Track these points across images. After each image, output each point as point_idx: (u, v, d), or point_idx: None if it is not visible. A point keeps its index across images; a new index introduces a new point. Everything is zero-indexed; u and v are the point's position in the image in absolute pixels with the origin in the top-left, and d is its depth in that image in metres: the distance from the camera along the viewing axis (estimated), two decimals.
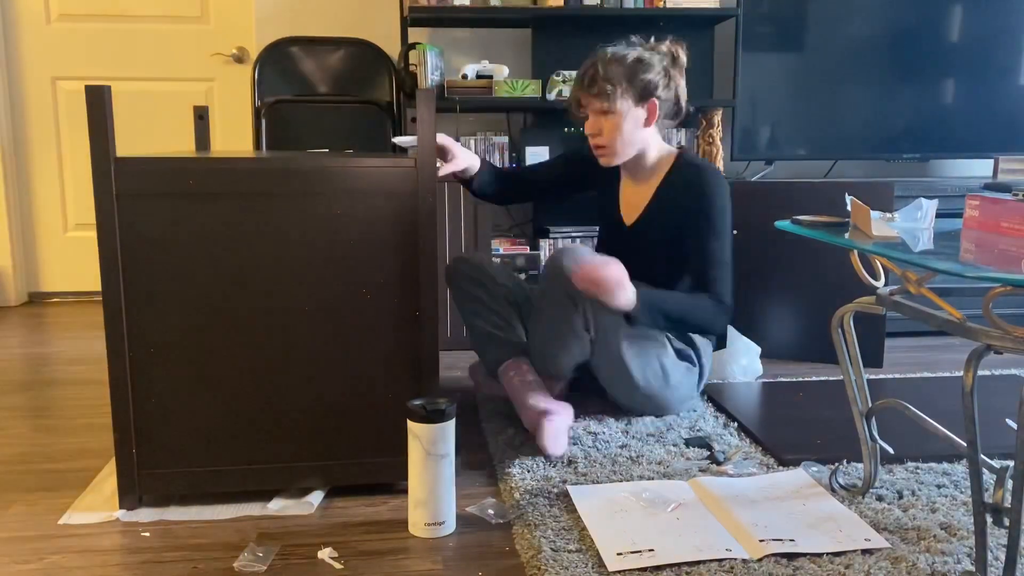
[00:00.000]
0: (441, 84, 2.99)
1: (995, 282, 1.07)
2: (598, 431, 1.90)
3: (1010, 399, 2.12)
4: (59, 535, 1.45)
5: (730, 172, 3.24)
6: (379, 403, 1.57)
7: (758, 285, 2.64)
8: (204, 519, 1.51)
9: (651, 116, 1.93)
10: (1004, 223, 1.37)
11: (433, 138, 1.52)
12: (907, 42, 3.04)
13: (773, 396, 2.18)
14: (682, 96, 1.97)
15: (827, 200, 2.52)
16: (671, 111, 1.97)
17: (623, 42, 1.94)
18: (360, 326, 1.54)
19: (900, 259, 1.19)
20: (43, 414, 2.11)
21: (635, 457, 1.77)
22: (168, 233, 1.48)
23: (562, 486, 1.62)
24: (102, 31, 3.44)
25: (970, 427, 1.18)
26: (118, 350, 1.49)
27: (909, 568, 1.30)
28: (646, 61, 1.90)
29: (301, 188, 1.49)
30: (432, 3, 2.89)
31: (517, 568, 1.34)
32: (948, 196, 2.84)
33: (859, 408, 1.55)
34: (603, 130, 1.92)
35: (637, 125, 1.93)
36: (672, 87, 1.94)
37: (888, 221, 1.47)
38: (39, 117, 3.48)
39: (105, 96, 1.43)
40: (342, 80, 3.21)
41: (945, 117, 3.10)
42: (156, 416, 1.52)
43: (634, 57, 1.90)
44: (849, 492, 1.58)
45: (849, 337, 1.52)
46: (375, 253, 1.53)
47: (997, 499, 1.19)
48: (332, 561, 1.36)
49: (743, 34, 2.95)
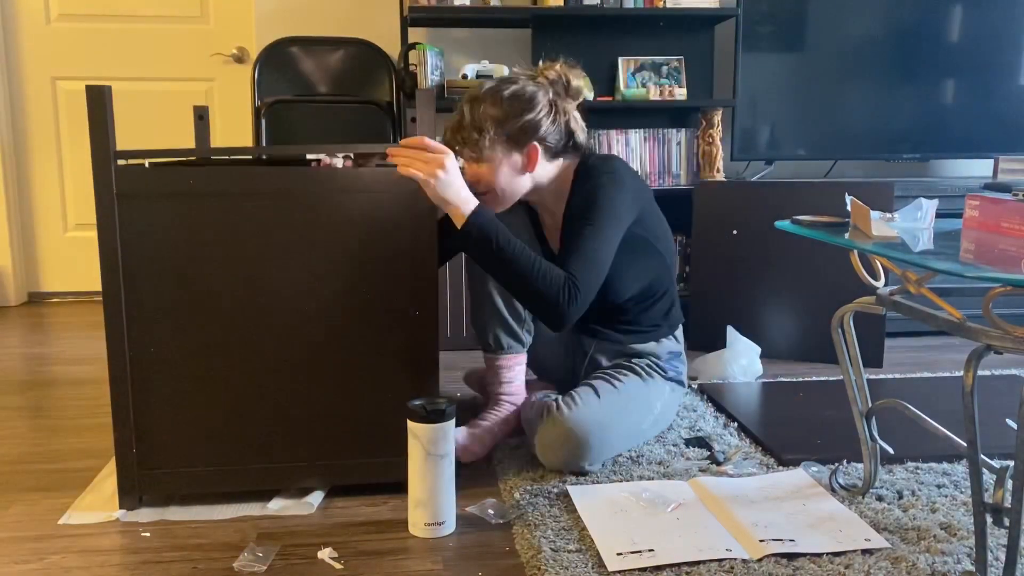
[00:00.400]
0: (441, 84, 2.99)
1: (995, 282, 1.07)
2: None
3: (1010, 399, 2.12)
4: (59, 535, 1.45)
5: (730, 172, 3.24)
6: (379, 403, 1.57)
7: (758, 285, 2.64)
8: (204, 519, 1.50)
9: (531, 162, 1.69)
10: (1004, 223, 1.37)
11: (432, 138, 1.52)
12: (907, 42, 3.04)
13: (773, 396, 2.18)
14: (576, 129, 1.73)
15: (827, 200, 2.52)
16: (560, 147, 1.72)
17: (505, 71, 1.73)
18: (360, 326, 1.54)
19: (900, 259, 1.19)
20: (43, 414, 2.11)
21: (635, 457, 1.77)
22: (168, 233, 1.47)
23: (562, 486, 1.62)
24: (102, 31, 3.44)
25: (970, 427, 1.18)
26: (118, 350, 1.49)
27: (909, 568, 1.30)
28: (525, 97, 1.66)
29: (301, 188, 1.49)
30: (432, 3, 2.89)
31: (517, 568, 1.34)
32: (948, 196, 2.84)
33: (859, 408, 1.55)
34: (480, 179, 1.68)
35: (515, 172, 1.69)
36: (559, 122, 1.70)
37: (888, 221, 1.47)
38: (39, 117, 3.48)
39: (106, 96, 1.43)
40: (342, 80, 3.21)
41: (945, 117, 3.10)
42: (156, 416, 1.52)
43: (510, 93, 1.66)
44: (849, 492, 1.58)
45: (849, 337, 1.52)
46: (375, 253, 1.53)
47: (997, 499, 1.19)
48: (332, 561, 1.36)
49: (743, 34, 2.95)
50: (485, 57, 3.24)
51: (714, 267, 2.68)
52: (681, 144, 3.02)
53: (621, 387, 1.78)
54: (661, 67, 3.07)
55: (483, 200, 1.64)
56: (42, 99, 3.47)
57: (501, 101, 1.66)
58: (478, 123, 1.65)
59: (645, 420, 1.81)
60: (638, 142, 3.01)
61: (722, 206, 2.66)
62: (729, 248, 2.65)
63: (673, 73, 3.07)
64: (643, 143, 3.01)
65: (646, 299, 1.85)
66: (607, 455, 1.73)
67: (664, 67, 3.07)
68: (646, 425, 1.81)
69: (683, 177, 3.02)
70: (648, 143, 3.01)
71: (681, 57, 3.08)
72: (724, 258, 2.66)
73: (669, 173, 3.02)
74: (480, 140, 1.65)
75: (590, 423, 1.67)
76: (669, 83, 3.04)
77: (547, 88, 1.70)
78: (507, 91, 1.67)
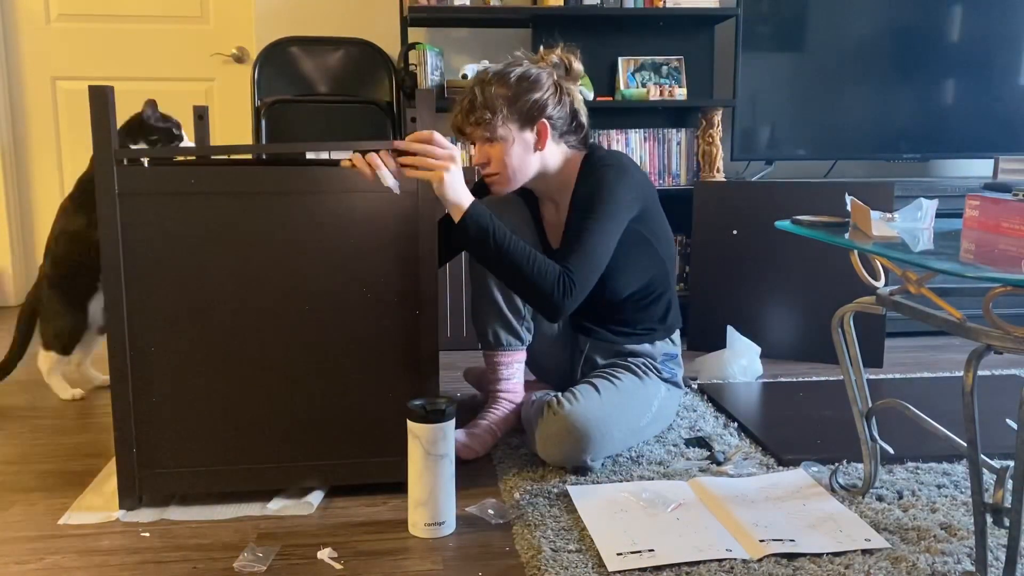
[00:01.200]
0: (441, 84, 2.99)
1: (995, 282, 1.07)
2: None
3: (1010, 399, 2.12)
4: (59, 535, 1.45)
5: (730, 172, 3.24)
6: (379, 403, 1.57)
7: (758, 285, 2.64)
8: (204, 519, 1.50)
9: (542, 139, 1.74)
10: (1004, 223, 1.37)
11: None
12: (907, 42, 3.04)
13: (773, 396, 2.18)
14: (580, 109, 1.79)
15: (827, 200, 2.52)
16: (567, 127, 1.78)
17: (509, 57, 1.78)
18: (360, 326, 1.54)
19: (900, 259, 1.19)
20: (43, 414, 2.11)
21: (635, 457, 1.77)
22: (169, 232, 1.48)
23: (562, 486, 1.62)
24: (102, 31, 3.44)
25: (970, 427, 1.18)
26: (118, 350, 1.49)
27: (909, 568, 1.30)
28: (532, 78, 1.72)
29: (302, 188, 1.49)
30: (432, 3, 2.89)
31: (517, 568, 1.34)
32: (948, 196, 2.84)
33: (859, 408, 1.55)
34: (490, 159, 1.73)
35: (527, 150, 1.73)
36: (565, 102, 1.76)
37: (888, 221, 1.47)
38: (39, 117, 3.48)
39: (108, 96, 1.43)
40: (342, 80, 3.20)
41: (945, 117, 3.10)
42: (156, 416, 1.52)
43: (517, 75, 1.72)
44: (849, 492, 1.58)
45: (849, 337, 1.52)
46: (375, 253, 1.53)
47: (997, 499, 1.19)
48: (332, 561, 1.36)
49: (743, 34, 2.95)
50: (485, 57, 3.24)
51: (714, 267, 2.68)
52: (681, 144, 3.02)
53: (620, 384, 1.78)
54: (661, 67, 3.07)
55: (493, 181, 1.71)
56: (42, 99, 3.47)
57: (509, 81, 1.71)
58: (490, 103, 1.70)
59: (644, 417, 1.81)
60: (638, 142, 3.01)
61: (722, 206, 2.66)
62: (729, 248, 2.66)
63: (673, 73, 3.07)
64: (643, 143, 3.01)
65: (643, 300, 1.85)
66: (608, 450, 1.73)
67: (664, 67, 3.07)
68: (645, 422, 1.81)
69: (683, 177, 3.02)
70: (648, 143, 3.01)
71: (681, 57, 3.08)
72: (724, 258, 2.66)
73: (669, 173, 3.02)
74: (493, 119, 1.70)
75: (590, 417, 1.67)
76: (669, 83, 3.04)
77: (551, 70, 1.76)
78: (514, 73, 1.73)
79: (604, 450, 1.71)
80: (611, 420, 1.71)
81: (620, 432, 1.74)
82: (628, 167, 1.75)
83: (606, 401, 1.73)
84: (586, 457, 1.67)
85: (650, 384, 1.84)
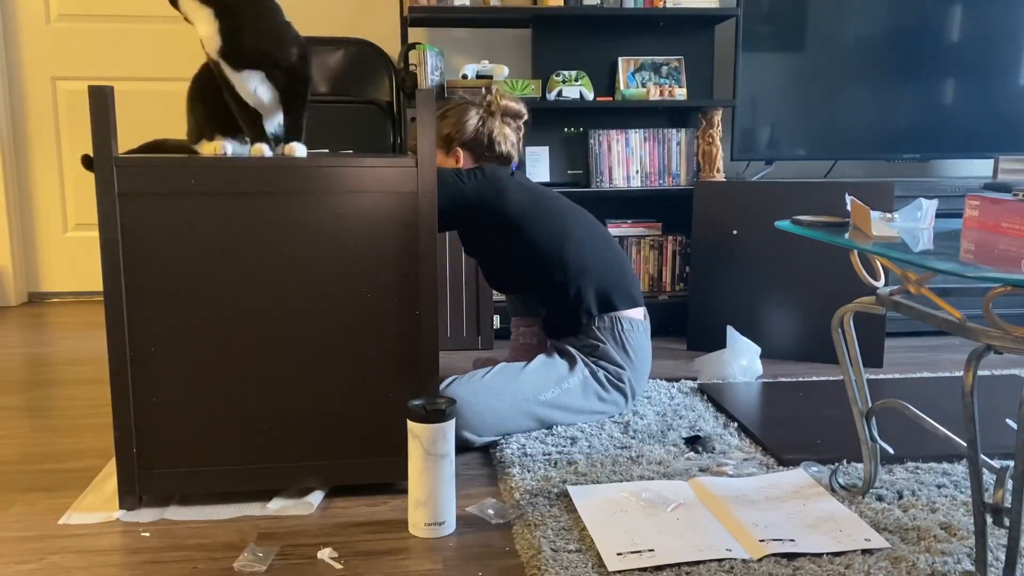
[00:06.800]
0: (441, 84, 2.99)
1: (995, 282, 1.07)
2: (598, 431, 1.90)
3: (1010, 399, 2.12)
4: (59, 535, 1.45)
5: (730, 172, 3.24)
6: (379, 403, 1.57)
7: (758, 285, 2.64)
8: (204, 519, 1.51)
9: (457, 162, 2.09)
10: (1004, 223, 1.37)
11: (433, 138, 1.53)
12: (907, 42, 3.04)
13: (773, 396, 2.18)
14: (500, 141, 2.09)
15: (827, 200, 2.52)
16: (483, 155, 2.10)
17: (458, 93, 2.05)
18: (360, 326, 1.54)
19: (900, 259, 1.19)
20: (43, 414, 2.11)
21: (635, 457, 1.77)
22: (169, 233, 1.48)
23: (562, 486, 1.62)
24: (102, 31, 3.44)
25: (970, 427, 1.18)
26: (119, 350, 1.49)
27: (909, 568, 1.30)
28: (451, 113, 2.09)
29: (302, 188, 1.49)
30: (432, 3, 2.89)
31: (517, 568, 1.34)
32: (948, 196, 2.84)
33: (859, 408, 1.55)
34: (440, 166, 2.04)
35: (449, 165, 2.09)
36: (484, 133, 2.08)
37: (888, 221, 1.47)
38: (39, 117, 3.48)
39: (108, 97, 1.43)
40: (342, 80, 3.20)
41: (945, 117, 3.10)
42: (156, 416, 1.52)
43: (442, 111, 2.10)
44: (849, 492, 1.58)
45: (849, 337, 1.52)
46: (375, 253, 1.53)
47: (997, 499, 1.19)
48: (332, 561, 1.36)
49: (743, 34, 2.95)
50: (485, 57, 3.24)
51: (714, 267, 2.68)
52: (681, 144, 3.02)
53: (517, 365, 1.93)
54: (661, 67, 3.07)
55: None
56: (42, 99, 3.47)
57: (437, 115, 2.07)
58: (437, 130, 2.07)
59: (543, 393, 1.90)
60: (638, 142, 3.01)
61: (722, 206, 2.66)
62: (729, 248, 2.66)
63: (673, 73, 3.07)
64: (643, 143, 3.01)
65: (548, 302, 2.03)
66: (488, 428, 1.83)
67: (664, 67, 3.07)
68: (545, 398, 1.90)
69: (683, 177, 3.02)
70: (648, 143, 3.01)
71: (681, 57, 3.08)
72: (724, 258, 2.66)
73: (669, 173, 3.02)
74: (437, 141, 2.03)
75: (459, 394, 1.80)
76: (669, 83, 3.04)
77: (477, 108, 2.11)
78: (442, 108, 2.12)
79: (481, 428, 1.82)
80: (481, 397, 1.83)
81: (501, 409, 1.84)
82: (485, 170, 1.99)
83: (486, 381, 1.87)
84: (463, 432, 1.79)
85: (559, 364, 1.94)
